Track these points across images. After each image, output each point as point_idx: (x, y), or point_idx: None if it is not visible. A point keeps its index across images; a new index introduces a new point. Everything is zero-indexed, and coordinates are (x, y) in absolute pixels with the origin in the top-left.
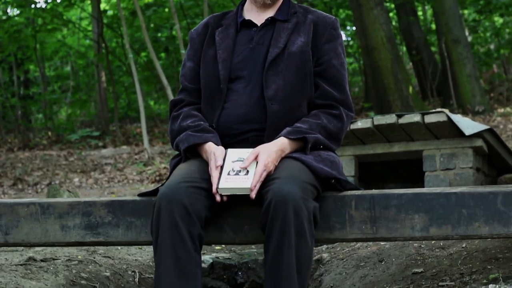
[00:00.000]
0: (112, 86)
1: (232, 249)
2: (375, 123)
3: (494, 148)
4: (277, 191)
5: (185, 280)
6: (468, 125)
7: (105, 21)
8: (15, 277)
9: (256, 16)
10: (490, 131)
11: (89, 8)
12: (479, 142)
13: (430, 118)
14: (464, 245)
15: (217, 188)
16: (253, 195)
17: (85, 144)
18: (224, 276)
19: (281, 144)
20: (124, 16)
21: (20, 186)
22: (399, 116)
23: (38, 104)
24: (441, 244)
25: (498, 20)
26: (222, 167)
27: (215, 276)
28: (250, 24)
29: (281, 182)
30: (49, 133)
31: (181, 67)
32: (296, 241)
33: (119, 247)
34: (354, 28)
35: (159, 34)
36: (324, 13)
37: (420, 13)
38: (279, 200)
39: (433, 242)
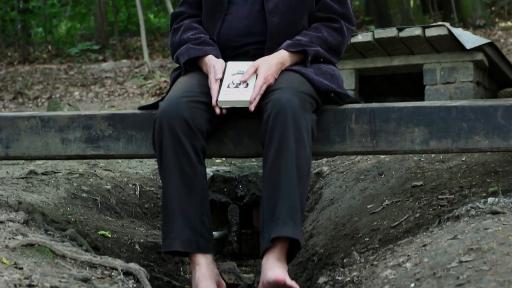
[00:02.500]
0: None
1: (233, 162)
2: (376, 36)
3: (494, 62)
4: (276, 101)
5: (193, 193)
6: (469, 38)
7: None
8: (16, 190)
9: None
10: (491, 45)
11: None
12: (479, 56)
13: (431, 32)
14: (463, 159)
15: (216, 101)
16: (252, 107)
17: (85, 57)
18: (225, 189)
19: (281, 57)
20: None
21: (20, 100)
22: (399, 30)
23: (38, 17)
24: (441, 157)
25: None
26: (221, 80)
27: (216, 189)
28: None
29: (280, 92)
30: (49, 47)
31: None
32: (296, 149)
33: (119, 160)
34: None
35: None
36: None
37: None
38: (279, 109)
39: (432, 155)
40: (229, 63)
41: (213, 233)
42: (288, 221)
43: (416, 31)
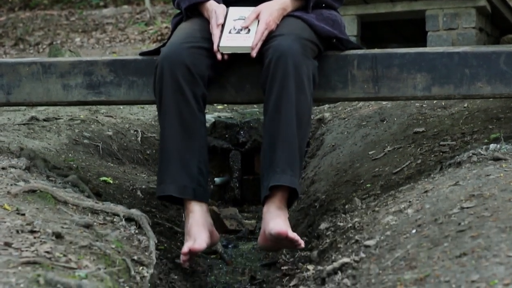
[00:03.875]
0: None
1: (234, 108)
2: None
3: (497, 8)
4: (277, 47)
5: (191, 140)
6: None
7: None
8: (18, 136)
9: None
10: None
11: None
12: (482, 2)
13: None
14: (466, 105)
15: (218, 46)
16: (254, 53)
17: (86, 3)
18: (226, 135)
19: (283, 3)
20: None
21: (21, 46)
22: None
23: None
24: (443, 103)
25: None
26: (223, 25)
27: (217, 135)
28: None
29: (281, 39)
30: None
31: None
32: (296, 96)
33: (121, 107)
34: None
35: None
36: None
37: None
38: (280, 56)
39: (435, 101)
40: (231, 8)
41: (215, 179)
42: (287, 169)
43: None
